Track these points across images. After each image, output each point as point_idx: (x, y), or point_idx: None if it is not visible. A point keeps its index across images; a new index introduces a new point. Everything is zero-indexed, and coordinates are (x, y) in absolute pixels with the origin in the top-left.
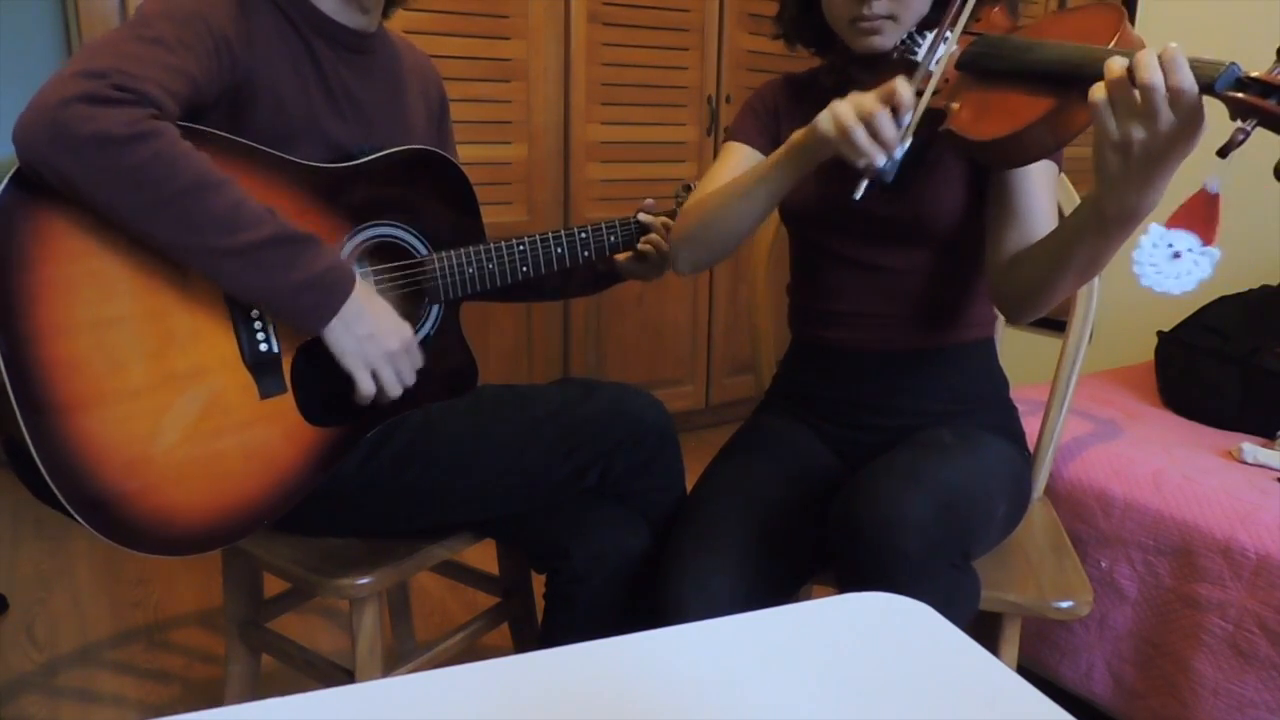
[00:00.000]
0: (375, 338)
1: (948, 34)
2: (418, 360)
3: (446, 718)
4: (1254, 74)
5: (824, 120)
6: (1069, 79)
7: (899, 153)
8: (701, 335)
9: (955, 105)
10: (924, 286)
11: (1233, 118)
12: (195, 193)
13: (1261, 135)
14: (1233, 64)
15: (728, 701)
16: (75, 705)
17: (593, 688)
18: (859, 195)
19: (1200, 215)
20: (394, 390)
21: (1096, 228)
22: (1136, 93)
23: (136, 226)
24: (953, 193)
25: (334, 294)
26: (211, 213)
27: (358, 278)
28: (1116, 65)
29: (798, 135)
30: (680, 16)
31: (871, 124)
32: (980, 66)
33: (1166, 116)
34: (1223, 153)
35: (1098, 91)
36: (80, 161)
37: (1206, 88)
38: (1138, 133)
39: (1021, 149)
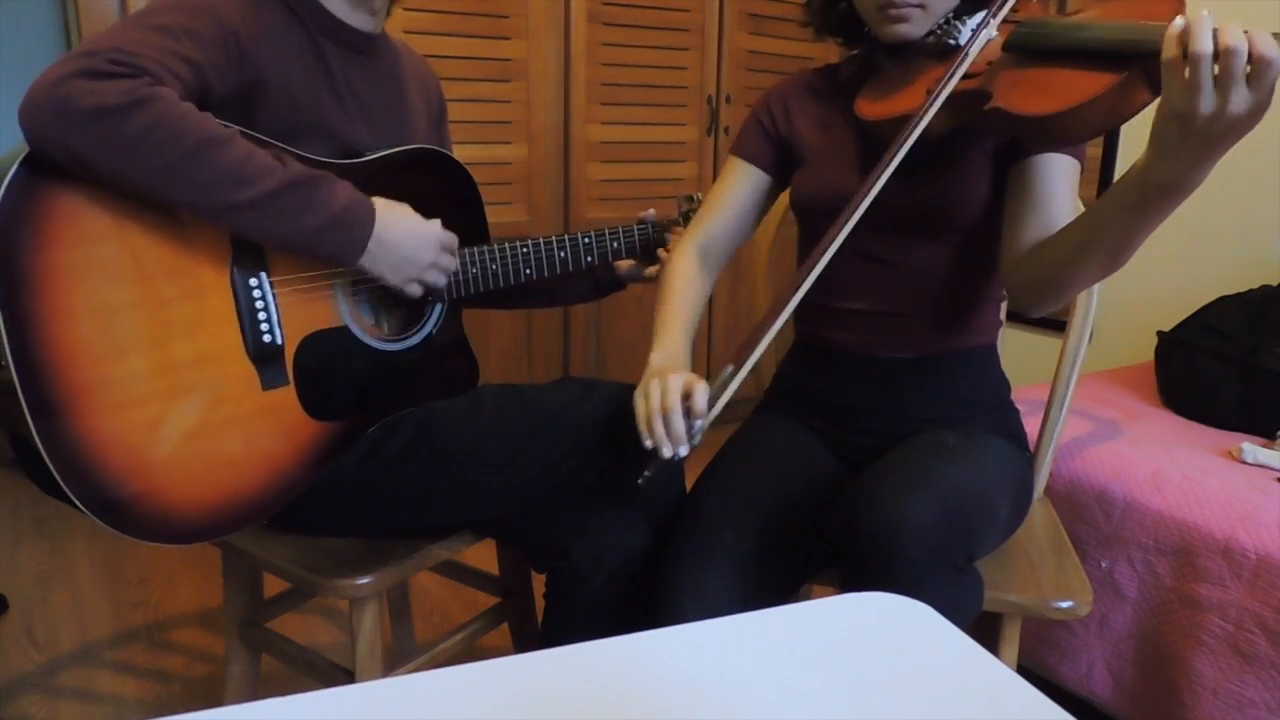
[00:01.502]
0: (408, 258)
1: (990, 20)
2: (454, 245)
3: (446, 718)
4: None
5: (637, 395)
6: (1133, 54)
7: (683, 450)
8: (701, 335)
9: (1000, 83)
10: (934, 287)
11: None
12: (202, 151)
13: (1258, 139)
14: None
15: (728, 701)
16: (75, 705)
17: (593, 688)
18: (641, 480)
19: None
20: (441, 284)
21: (1137, 200)
22: (1216, 66)
23: (150, 191)
24: (974, 184)
25: (354, 231)
26: (221, 169)
27: (376, 207)
28: (1202, 31)
29: (652, 357)
30: (680, 16)
31: (667, 418)
32: (1031, 46)
33: (1242, 92)
34: None
35: (1170, 63)
36: (85, 135)
37: None
38: (1205, 107)
39: (1073, 126)
